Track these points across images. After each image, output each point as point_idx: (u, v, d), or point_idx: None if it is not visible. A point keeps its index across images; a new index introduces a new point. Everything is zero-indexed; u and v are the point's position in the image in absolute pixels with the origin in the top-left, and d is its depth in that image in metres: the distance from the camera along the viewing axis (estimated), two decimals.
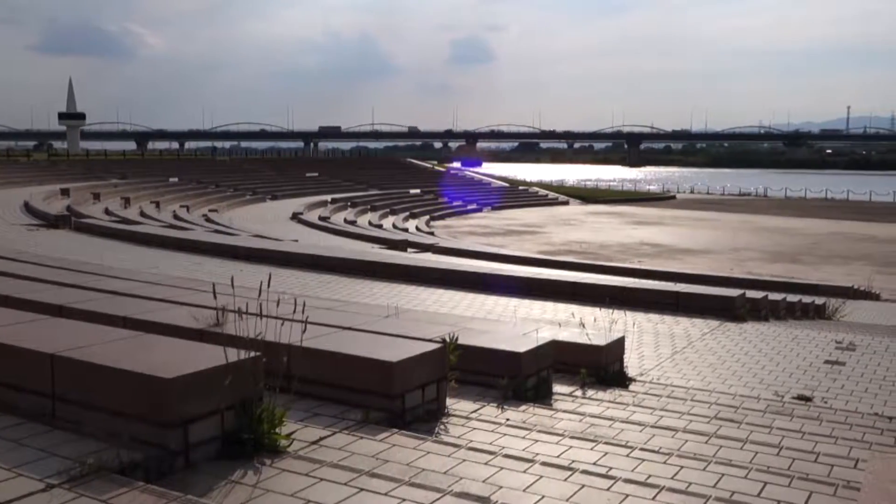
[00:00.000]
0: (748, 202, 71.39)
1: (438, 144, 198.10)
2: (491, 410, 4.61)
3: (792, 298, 12.58)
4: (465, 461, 3.42)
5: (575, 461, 3.64)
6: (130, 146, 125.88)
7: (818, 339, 8.57)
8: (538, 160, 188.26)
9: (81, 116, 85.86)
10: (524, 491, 3.13)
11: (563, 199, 67.43)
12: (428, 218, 47.87)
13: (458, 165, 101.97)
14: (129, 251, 14.78)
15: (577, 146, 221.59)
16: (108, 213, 27.41)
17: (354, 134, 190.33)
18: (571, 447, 3.91)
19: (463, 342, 4.76)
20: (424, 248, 22.21)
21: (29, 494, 2.67)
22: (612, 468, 3.58)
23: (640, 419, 4.75)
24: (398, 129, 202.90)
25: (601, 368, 5.85)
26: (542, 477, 3.28)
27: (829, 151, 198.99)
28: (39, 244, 15.38)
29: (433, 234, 37.04)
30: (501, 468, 3.36)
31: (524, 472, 3.34)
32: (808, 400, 5.97)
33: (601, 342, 5.96)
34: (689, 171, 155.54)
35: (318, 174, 63.75)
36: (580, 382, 5.63)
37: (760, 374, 6.79)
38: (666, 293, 10.42)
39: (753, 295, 10.57)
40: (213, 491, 2.95)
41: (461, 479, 3.18)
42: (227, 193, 48.31)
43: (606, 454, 3.81)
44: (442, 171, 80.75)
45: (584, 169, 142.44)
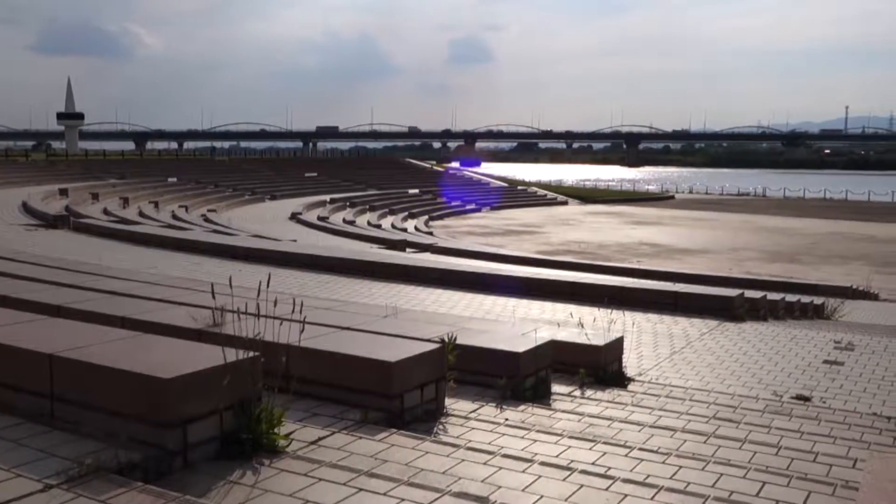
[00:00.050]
0: (747, 202, 71.45)
1: (437, 144, 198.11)
2: (489, 410, 4.61)
3: (790, 298, 12.60)
4: (463, 461, 3.43)
5: (573, 461, 3.64)
6: (129, 146, 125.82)
7: (817, 338, 8.58)
8: (537, 160, 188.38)
9: (80, 116, 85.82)
10: (523, 491, 3.13)
11: (561, 199, 67.47)
12: (426, 218, 47.89)
13: (456, 165, 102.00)
14: (127, 251, 14.78)
15: (575, 146, 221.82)
16: (106, 213, 27.41)
17: (353, 134, 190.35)
18: (570, 447, 3.91)
19: (461, 342, 4.77)
20: (423, 248, 22.22)
21: (28, 495, 2.67)
22: (610, 468, 3.58)
23: (638, 419, 4.76)
24: (397, 129, 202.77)
25: (600, 368, 5.85)
26: (540, 477, 3.28)
27: (827, 151, 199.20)
28: (38, 244, 15.38)
29: (432, 234, 37.06)
30: (500, 468, 3.36)
31: (523, 471, 3.34)
32: (806, 400, 5.97)
33: (600, 342, 5.96)
34: (687, 171, 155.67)
35: (316, 174, 63.75)
36: (579, 382, 5.63)
37: (759, 373, 6.79)
38: (664, 293, 10.43)
39: (752, 295, 10.58)
40: (211, 491, 2.95)
41: (460, 478, 3.18)
42: (225, 193, 48.30)
43: (605, 454, 3.81)
44: (441, 171, 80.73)
45: (582, 169, 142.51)
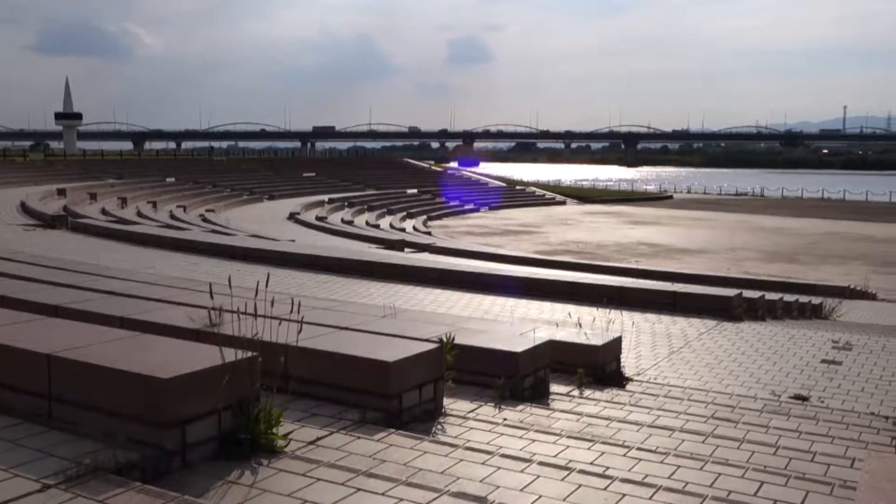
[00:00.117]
0: (745, 202, 71.49)
1: (436, 144, 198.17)
2: (488, 410, 4.61)
3: (789, 298, 12.61)
4: (462, 461, 3.43)
5: (572, 461, 3.64)
6: (127, 146, 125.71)
7: (815, 338, 8.58)
8: (535, 160, 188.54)
9: (78, 116, 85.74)
10: (521, 491, 3.13)
11: (560, 198, 67.49)
12: (425, 218, 47.87)
13: (455, 165, 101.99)
14: (125, 251, 14.76)
15: (574, 146, 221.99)
16: (104, 213, 27.38)
17: (352, 134, 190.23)
18: (568, 447, 3.91)
19: (460, 342, 4.77)
20: (421, 248, 22.22)
21: (26, 495, 2.67)
22: (608, 468, 3.58)
23: (637, 419, 4.76)
24: (396, 128, 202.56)
25: (598, 368, 5.85)
26: (539, 476, 3.28)
27: (825, 151, 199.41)
28: (36, 244, 15.36)
29: (430, 233, 37.06)
30: (498, 468, 3.36)
31: (521, 471, 3.35)
32: (804, 399, 5.98)
33: (598, 342, 5.96)
34: (686, 170, 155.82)
35: (315, 174, 63.72)
36: (577, 382, 5.63)
37: (757, 373, 6.80)
38: (663, 293, 10.44)
39: (750, 295, 10.59)
40: (209, 491, 2.95)
41: (458, 478, 3.18)
42: (223, 193, 48.27)
43: (603, 454, 3.82)
44: (439, 170, 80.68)
45: (581, 169, 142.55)
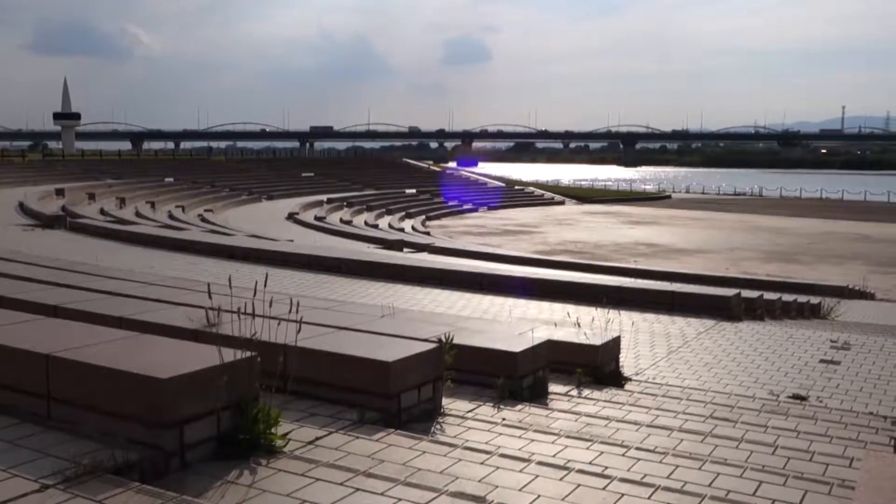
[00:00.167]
0: (743, 202, 71.53)
1: (434, 144, 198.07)
2: (487, 410, 4.61)
3: (787, 298, 12.63)
4: (461, 461, 3.43)
5: (571, 460, 3.64)
6: (126, 146, 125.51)
7: (813, 338, 8.59)
8: (534, 160, 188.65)
9: (76, 116, 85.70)
10: (520, 490, 3.13)
11: (558, 198, 67.49)
12: (424, 218, 47.87)
13: (454, 165, 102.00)
14: (124, 251, 14.76)
15: (572, 146, 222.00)
16: (103, 213, 27.37)
17: (351, 134, 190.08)
18: (567, 447, 3.92)
19: (459, 342, 4.77)
20: (420, 248, 22.22)
21: (24, 495, 2.67)
22: (607, 467, 3.59)
23: (635, 418, 4.76)
24: (395, 129, 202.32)
25: (597, 368, 5.86)
26: (537, 476, 3.28)
27: (824, 151, 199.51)
28: (34, 244, 15.35)
29: (429, 233, 37.06)
30: (497, 468, 3.36)
31: (520, 471, 3.35)
32: (803, 399, 5.98)
33: (597, 342, 5.97)
34: (684, 170, 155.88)
35: (313, 174, 63.71)
36: (576, 382, 5.64)
37: (756, 373, 6.80)
38: (661, 293, 10.45)
39: (749, 294, 10.61)
40: (208, 491, 2.95)
41: (457, 478, 3.18)
42: (222, 193, 48.25)
43: (602, 453, 3.82)
44: (438, 171, 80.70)
45: (579, 169, 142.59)
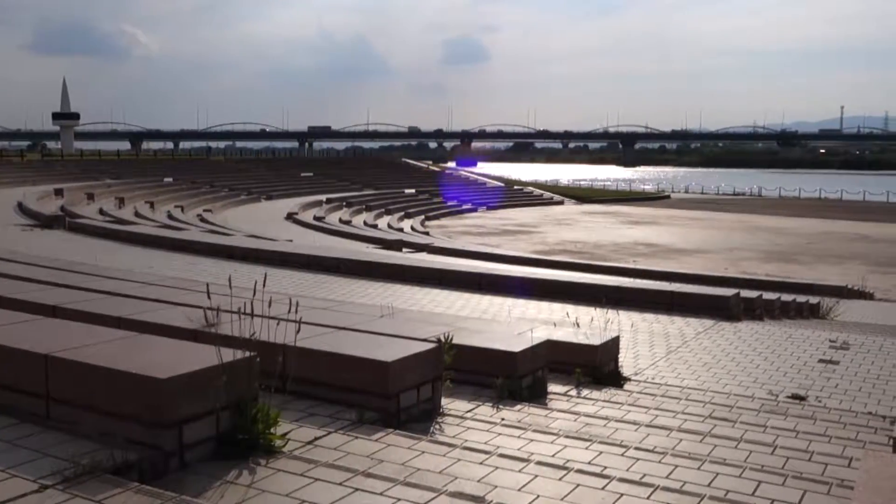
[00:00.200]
0: (742, 202, 71.55)
1: (434, 144, 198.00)
2: (486, 410, 4.61)
3: (786, 298, 12.64)
4: (460, 461, 3.43)
5: (570, 460, 3.64)
6: (125, 146, 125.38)
7: (812, 338, 8.59)
8: (533, 160, 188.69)
9: (75, 116, 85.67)
10: (519, 490, 3.13)
11: (557, 198, 67.49)
12: (423, 218, 47.87)
13: (453, 165, 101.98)
14: (123, 251, 14.76)
15: (572, 146, 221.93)
16: (102, 213, 27.36)
17: (350, 133, 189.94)
18: (566, 446, 3.92)
19: (458, 342, 4.77)
20: (419, 248, 22.22)
21: (23, 495, 2.66)
22: (606, 467, 3.59)
23: (634, 418, 4.76)
24: (394, 128, 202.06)
25: (596, 368, 5.86)
26: (536, 476, 3.28)
27: (822, 151, 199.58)
28: (33, 244, 15.34)
29: (428, 233, 37.06)
30: (496, 468, 3.36)
31: (519, 471, 3.35)
32: (802, 399, 5.99)
33: (596, 342, 5.97)
34: (683, 170, 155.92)
35: (312, 174, 63.70)
36: (575, 382, 5.64)
37: (755, 373, 6.81)
38: (661, 293, 10.45)
39: (748, 294, 10.61)
40: (207, 491, 2.95)
41: (456, 478, 3.18)
42: (221, 193, 48.25)
43: (601, 453, 3.82)
44: (437, 170, 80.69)
45: (578, 169, 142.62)
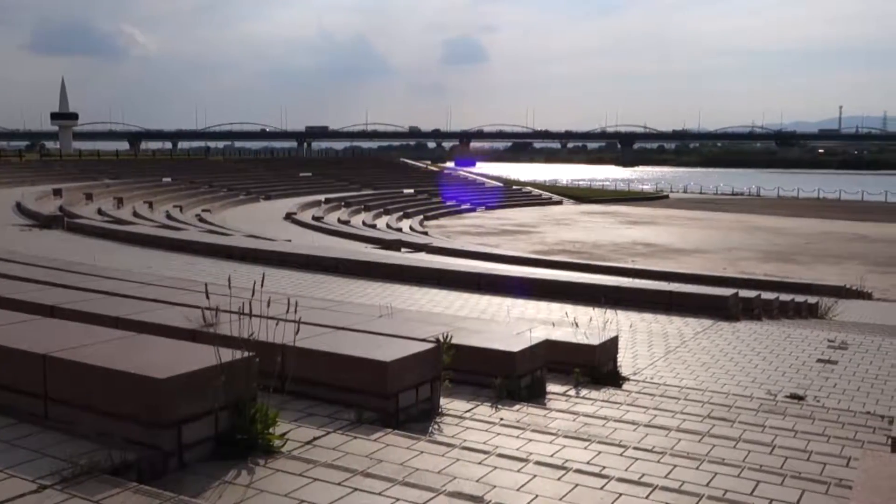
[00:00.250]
0: (741, 202, 71.57)
1: (432, 144, 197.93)
2: (485, 410, 4.61)
3: (785, 297, 12.64)
4: (458, 461, 3.43)
5: (568, 460, 3.64)
6: (123, 146, 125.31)
7: (811, 337, 8.60)
8: (532, 160, 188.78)
9: (74, 116, 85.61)
10: (518, 490, 3.13)
11: (556, 198, 67.50)
12: (421, 218, 47.86)
13: (452, 165, 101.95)
14: (121, 251, 14.74)
15: (570, 146, 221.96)
16: (100, 213, 27.34)
17: (348, 133, 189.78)
18: (565, 446, 3.92)
19: (457, 342, 4.77)
20: (418, 247, 22.22)
21: (21, 495, 2.66)
22: (605, 467, 3.59)
23: (633, 418, 4.76)
24: (393, 128, 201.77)
25: (595, 368, 5.86)
26: (535, 476, 3.29)
27: (821, 151, 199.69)
28: (31, 245, 15.32)
29: (427, 233, 37.05)
30: (495, 467, 3.36)
31: (518, 471, 3.35)
32: (800, 399, 5.99)
33: (595, 342, 5.97)
34: (682, 170, 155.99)
35: (311, 174, 63.67)
36: (574, 382, 5.64)
37: (753, 372, 6.81)
38: (659, 293, 10.45)
39: (746, 294, 10.61)
40: (206, 491, 2.94)
41: (455, 478, 3.18)
42: (220, 193, 48.22)
43: (600, 453, 3.82)
44: (436, 170, 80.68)
45: (577, 169, 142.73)
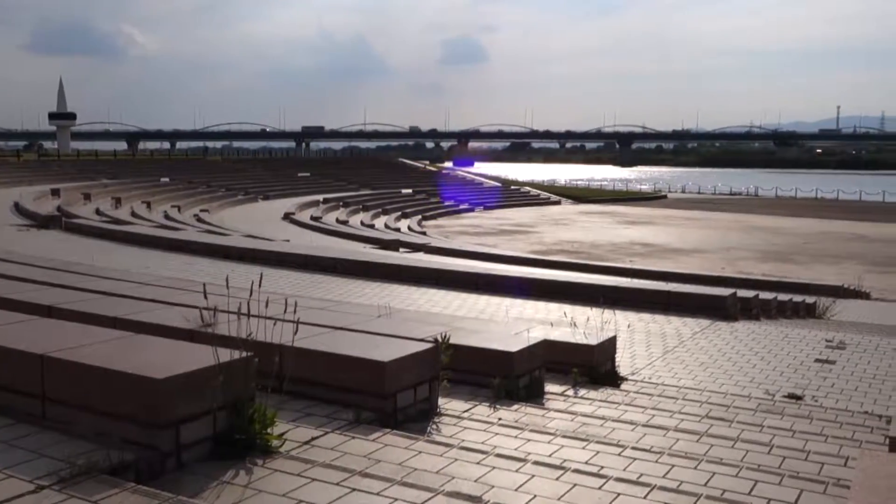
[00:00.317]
0: (739, 201, 71.60)
1: (431, 144, 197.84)
2: (483, 410, 4.61)
3: (783, 297, 12.65)
4: (457, 461, 3.43)
5: (567, 460, 3.64)
6: (122, 146, 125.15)
7: (809, 337, 8.61)
8: (530, 160, 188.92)
9: (72, 116, 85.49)
10: (516, 490, 3.13)
11: (554, 198, 67.51)
12: (420, 218, 47.84)
13: (450, 165, 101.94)
14: (119, 251, 14.73)
15: (569, 146, 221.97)
16: (98, 213, 27.32)
17: (347, 133, 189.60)
18: (563, 446, 3.92)
19: (455, 342, 4.77)
20: (416, 247, 22.21)
21: (19, 496, 2.66)
22: (603, 467, 3.59)
23: (631, 418, 4.76)
24: (392, 128, 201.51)
25: (593, 368, 5.86)
26: (533, 476, 3.29)
27: (819, 151, 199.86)
28: (29, 245, 15.31)
29: (425, 233, 37.03)
30: (493, 467, 3.37)
31: (516, 471, 3.35)
32: (798, 398, 5.99)
33: (593, 342, 5.97)
34: (680, 170, 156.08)
35: (309, 174, 63.64)
36: (572, 382, 5.64)
37: (751, 372, 6.81)
38: (657, 293, 10.45)
39: (744, 294, 10.61)
40: (204, 491, 2.94)
41: (453, 478, 3.18)
42: (218, 193, 48.19)
43: (598, 453, 3.82)
44: (434, 170, 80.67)
45: (576, 168, 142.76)
